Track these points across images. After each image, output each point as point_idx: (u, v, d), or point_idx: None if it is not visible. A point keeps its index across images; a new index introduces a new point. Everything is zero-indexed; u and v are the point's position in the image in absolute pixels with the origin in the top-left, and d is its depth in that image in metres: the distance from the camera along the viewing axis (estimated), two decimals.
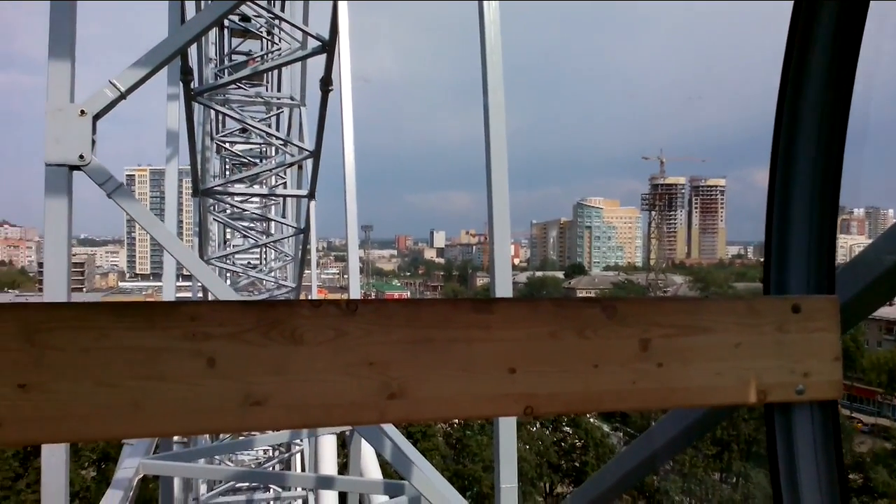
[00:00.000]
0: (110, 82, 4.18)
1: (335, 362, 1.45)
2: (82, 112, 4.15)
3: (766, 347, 1.71)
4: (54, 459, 3.88)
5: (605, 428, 51.79)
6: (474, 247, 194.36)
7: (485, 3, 4.70)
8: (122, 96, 4.25)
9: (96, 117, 4.20)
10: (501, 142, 4.75)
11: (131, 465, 7.30)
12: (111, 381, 1.34)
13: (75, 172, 4.21)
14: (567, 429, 47.71)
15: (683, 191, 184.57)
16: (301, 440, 14.47)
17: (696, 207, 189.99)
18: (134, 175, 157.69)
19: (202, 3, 10.88)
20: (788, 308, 1.74)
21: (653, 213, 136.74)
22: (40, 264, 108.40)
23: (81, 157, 4.18)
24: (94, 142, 4.22)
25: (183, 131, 10.46)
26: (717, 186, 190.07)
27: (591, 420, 48.39)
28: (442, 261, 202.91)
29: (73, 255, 5.02)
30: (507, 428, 4.57)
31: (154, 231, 4.59)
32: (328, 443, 16.03)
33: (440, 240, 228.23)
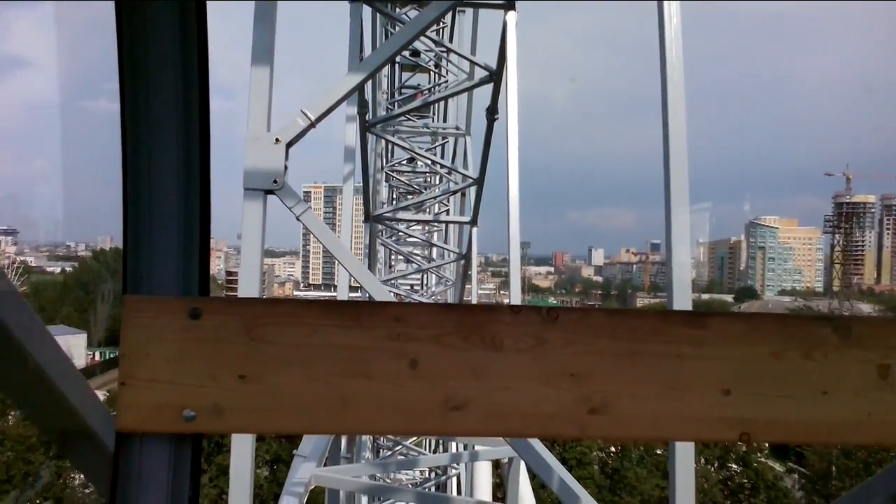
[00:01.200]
0: (302, 112, 4.52)
1: (534, 371, 1.40)
2: (277, 140, 4.52)
3: None
4: (242, 453, 4.16)
5: (778, 468, 46.94)
6: (634, 266, 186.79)
7: (665, 3, 4.49)
8: (312, 125, 4.58)
9: (289, 145, 4.56)
10: (682, 156, 4.53)
11: (304, 476, 7.74)
12: (321, 376, 1.38)
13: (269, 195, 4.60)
14: (734, 466, 43.76)
15: (873, 210, 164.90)
16: (458, 465, 14.57)
17: (887, 229, 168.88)
18: (310, 192, 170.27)
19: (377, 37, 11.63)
20: None
21: (836, 235, 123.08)
22: (228, 273, 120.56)
23: (275, 181, 4.55)
24: (286, 167, 4.59)
25: (357, 160, 11.13)
26: None
27: (762, 458, 44.12)
28: (600, 279, 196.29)
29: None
30: (685, 459, 4.26)
31: (334, 249, 4.88)
32: (484, 469, 16.00)
33: (598, 258, 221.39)
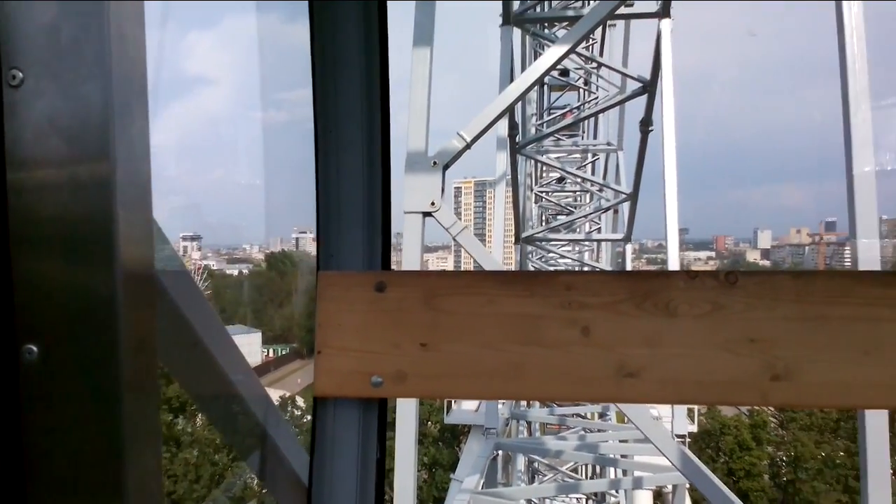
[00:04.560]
0: (458, 134, 4.64)
1: (712, 337, 1.36)
2: (434, 163, 4.67)
3: None
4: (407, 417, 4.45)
5: None
6: (807, 247, 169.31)
7: None
8: (468, 146, 4.68)
9: (445, 167, 4.70)
10: (865, 124, 4.20)
11: (463, 499, 7.84)
12: (496, 344, 1.42)
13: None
14: None
15: None
16: (617, 492, 13.98)
17: None
18: (461, 187, 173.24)
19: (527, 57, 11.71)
20: None
21: None
22: None
23: (433, 203, 4.70)
24: (443, 189, 4.72)
25: (503, 182, 11.21)
26: None
27: None
28: (768, 263, 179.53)
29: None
30: (877, 431, 3.93)
31: (485, 264, 4.96)
32: (645, 498, 15.22)
33: (765, 240, 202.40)
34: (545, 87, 18.51)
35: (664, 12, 8.54)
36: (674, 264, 8.47)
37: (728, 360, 1.36)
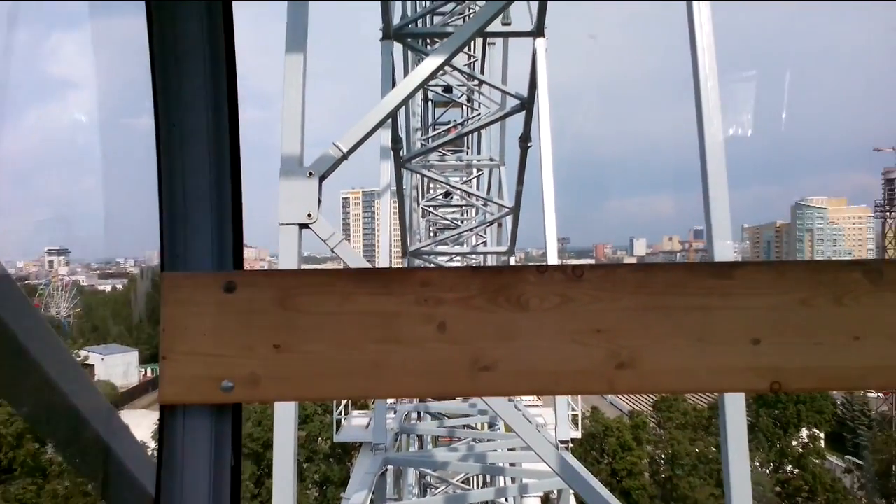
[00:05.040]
0: (334, 144, 4.56)
1: (561, 329, 1.41)
2: (310, 174, 4.56)
3: None
4: (285, 425, 4.33)
5: (834, 460, 45.70)
6: (678, 254, 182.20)
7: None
8: (345, 157, 4.61)
9: (322, 178, 4.59)
10: (717, 139, 4.59)
11: None
12: (353, 343, 1.40)
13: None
14: (791, 469, 42.23)
15: None
16: (506, 500, 14.22)
17: None
18: (349, 197, 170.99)
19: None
20: None
21: (887, 221, 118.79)
22: None
23: (309, 215, 4.57)
24: (319, 201, 4.61)
25: (387, 195, 11.20)
26: None
27: (818, 461, 42.63)
28: None
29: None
30: (735, 413, 4.31)
31: None
32: None
33: (641, 247, 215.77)
34: (430, 102, 18.78)
35: (538, 31, 8.89)
36: None
37: (577, 350, 1.40)
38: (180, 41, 1.49)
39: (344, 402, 18.76)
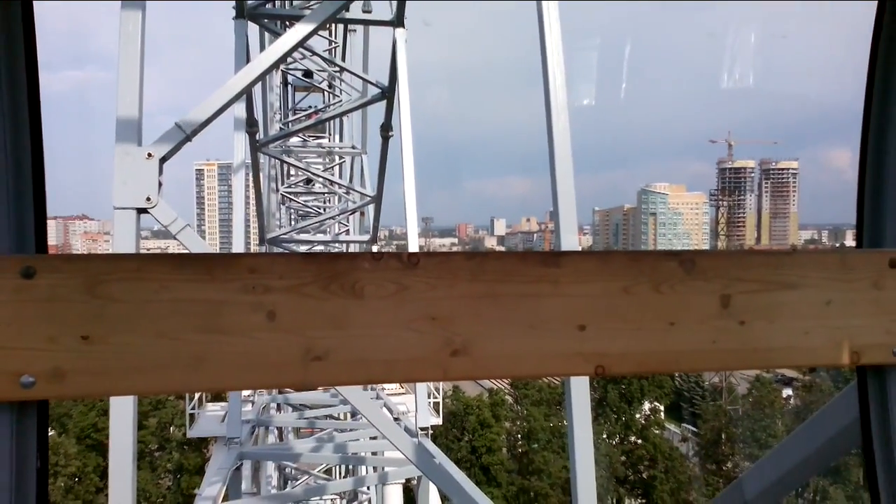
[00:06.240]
0: (176, 125, 4.29)
1: (397, 317, 1.40)
2: (149, 155, 4.26)
3: (859, 305, 1.59)
4: (122, 418, 4.08)
5: (672, 428, 50.84)
6: (535, 234, 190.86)
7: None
8: (188, 138, 4.35)
9: (163, 160, 4.31)
10: (564, 126, 4.85)
11: None
12: (172, 333, 1.32)
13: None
14: (634, 439, 46.50)
15: (753, 174, 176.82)
16: (368, 488, 14.27)
17: (766, 191, 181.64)
18: (203, 169, 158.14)
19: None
20: (885, 262, 1.59)
21: (720, 209, 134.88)
22: None
23: (148, 199, 4.28)
24: (160, 183, 4.32)
25: (240, 180, 10.77)
26: (788, 169, 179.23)
27: (658, 432, 47.18)
28: (503, 249, 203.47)
29: (148, 251, 5.24)
30: (580, 394, 4.59)
31: None
32: (394, 492, 15.75)
33: (501, 227, 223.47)
34: (290, 87, 18.20)
35: (398, 21, 8.89)
36: None
37: (412, 338, 1.40)
38: None
39: (198, 394, 17.82)
